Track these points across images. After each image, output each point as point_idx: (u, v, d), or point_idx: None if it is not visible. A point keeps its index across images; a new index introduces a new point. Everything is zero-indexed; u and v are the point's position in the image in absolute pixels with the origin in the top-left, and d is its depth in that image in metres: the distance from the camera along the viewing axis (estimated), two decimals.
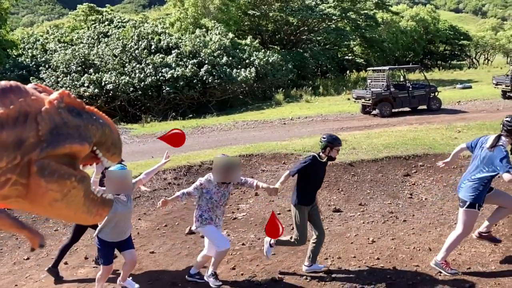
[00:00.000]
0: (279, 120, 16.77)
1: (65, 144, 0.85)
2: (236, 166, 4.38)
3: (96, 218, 1.00)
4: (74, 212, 0.93)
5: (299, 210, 4.76)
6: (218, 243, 4.43)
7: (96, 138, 0.93)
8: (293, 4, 31.81)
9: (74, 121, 0.87)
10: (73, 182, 0.88)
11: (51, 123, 0.84)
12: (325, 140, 4.73)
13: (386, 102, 16.13)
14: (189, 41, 23.66)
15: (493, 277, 4.43)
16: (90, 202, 0.97)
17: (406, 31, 41.22)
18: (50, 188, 0.84)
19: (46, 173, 0.83)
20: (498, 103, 16.89)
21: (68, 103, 0.88)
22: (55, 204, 0.87)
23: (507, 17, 77.11)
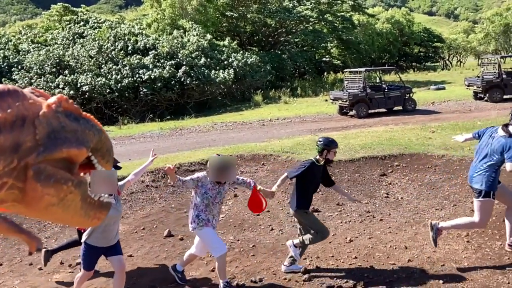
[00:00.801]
0: (258, 121, 16.82)
1: (62, 148, 0.85)
2: (232, 165, 4.35)
3: (93, 221, 1.00)
4: (71, 216, 0.93)
5: (302, 213, 4.83)
6: (214, 250, 4.35)
7: (93, 143, 0.93)
8: (271, 6, 31.95)
9: (71, 126, 0.87)
10: (69, 187, 0.87)
11: (49, 127, 0.83)
12: (322, 144, 4.79)
13: (363, 103, 16.38)
14: (167, 42, 23.47)
15: (466, 274, 4.56)
16: (88, 206, 0.97)
17: (381, 33, 41.95)
18: (46, 192, 0.84)
19: (42, 178, 0.83)
20: (470, 104, 17.37)
21: (66, 108, 0.88)
22: (51, 208, 0.86)
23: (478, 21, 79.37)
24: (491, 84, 17.54)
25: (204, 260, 5.41)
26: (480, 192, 4.47)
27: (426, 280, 4.52)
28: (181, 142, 12.98)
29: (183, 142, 12.98)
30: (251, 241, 5.88)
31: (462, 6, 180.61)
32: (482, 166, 4.49)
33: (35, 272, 4.99)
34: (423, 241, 5.42)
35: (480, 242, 5.17)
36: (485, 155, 4.51)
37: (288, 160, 8.66)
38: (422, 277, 4.60)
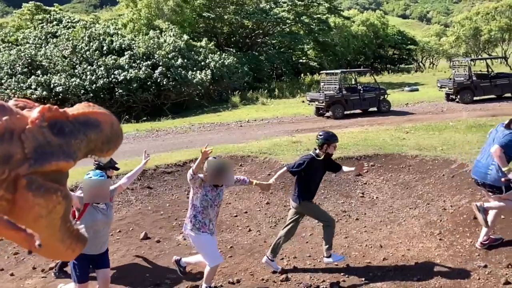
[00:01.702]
0: (236, 122, 16.81)
1: (52, 161, 0.84)
2: (229, 169, 4.30)
3: (68, 252, 0.95)
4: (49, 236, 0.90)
5: (307, 204, 4.87)
6: (209, 259, 4.27)
7: (81, 151, 0.91)
8: (248, 8, 32.01)
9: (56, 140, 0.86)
10: (58, 196, 0.86)
11: (35, 142, 0.83)
12: (322, 138, 4.82)
13: (339, 105, 16.60)
14: (143, 42, 23.20)
15: (439, 270, 4.68)
16: (66, 231, 0.93)
17: (357, 35, 42.59)
18: (36, 202, 0.83)
19: (33, 187, 0.82)
20: (443, 105, 17.82)
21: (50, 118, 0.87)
22: (39, 220, 0.85)
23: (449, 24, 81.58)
24: (462, 86, 18.05)
25: None
26: (500, 188, 4.55)
27: (400, 278, 4.62)
28: (158, 143, 12.86)
29: (159, 143, 12.85)
30: (228, 242, 5.88)
31: (434, 10, 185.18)
32: (492, 163, 4.57)
33: (6, 278, 4.86)
34: (398, 240, 5.54)
35: (452, 240, 5.32)
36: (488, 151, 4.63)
37: (266, 161, 8.70)
38: (396, 275, 4.70)
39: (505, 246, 4.77)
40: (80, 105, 0.96)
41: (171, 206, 7.46)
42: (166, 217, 7.00)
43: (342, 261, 4.94)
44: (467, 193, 6.17)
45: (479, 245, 4.95)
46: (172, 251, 5.73)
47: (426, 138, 9.50)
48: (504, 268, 4.49)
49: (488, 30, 46.50)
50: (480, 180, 4.73)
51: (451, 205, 6.07)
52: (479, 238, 4.98)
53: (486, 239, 4.89)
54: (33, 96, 19.59)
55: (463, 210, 5.72)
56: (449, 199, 6.30)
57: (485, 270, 4.52)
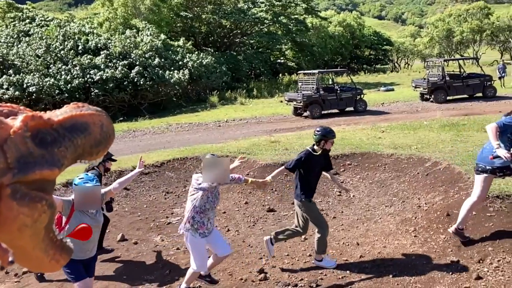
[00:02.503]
0: (214, 122, 16.76)
1: (35, 170, 0.83)
2: (225, 166, 4.23)
3: (52, 263, 0.92)
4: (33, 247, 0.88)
5: (308, 203, 4.86)
6: (196, 263, 4.24)
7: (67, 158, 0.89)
8: (226, 7, 31.95)
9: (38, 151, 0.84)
10: (43, 205, 0.84)
11: (17, 153, 0.82)
12: (319, 134, 4.82)
13: (316, 104, 16.76)
14: (119, 42, 22.87)
15: (414, 267, 4.78)
16: (49, 241, 0.91)
17: (334, 36, 43.05)
18: (21, 211, 0.81)
19: (18, 196, 0.81)
20: (417, 105, 18.20)
21: (33, 127, 0.85)
22: (24, 230, 0.83)
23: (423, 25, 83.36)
24: (436, 86, 18.48)
25: (159, 264, 5.35)
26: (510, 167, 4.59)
27: (377, 275, 4.70)
28: (135, 144, 12.71)
29: (136, 144, 12.71)
30: None
31: (409, 11, 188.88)
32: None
33: None
34: (374, 237, 5.63)
35: (426, 236, 5.44)
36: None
37: (244, 161, 8.69)
38: (373, 271, 4.78)
39: (477, 242, 4.91)
40: (68, 106, 0.93)
41: (149, 207, 7.39)
42: (144, 218, 6.93)
43: (333, 267, 4.93)
44: (441, 191, 6.32)
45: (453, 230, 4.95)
46: (149, 252, 5.68)
47: (401, 137, 9.69)
48: (475, 263, 4.62)
49: (460, 31, 47.74)
50: (489, 165, 4.69)
51: (425, 202, 6.21)
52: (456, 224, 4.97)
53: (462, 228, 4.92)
54: (5, 96, 19.06)
55: (437, 207, 5.86)
56: (423, 196, 6.44)
57: (458, 265, 4.64)
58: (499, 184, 5.60)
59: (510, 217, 5.06)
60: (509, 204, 5.25)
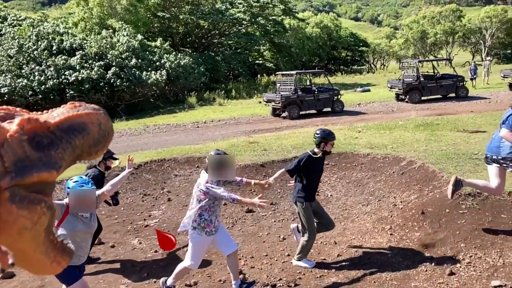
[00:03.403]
0: (192, 123, 16.68)
1: (33, 173, 0.82)
2: (231, 163, 4.22)
3: (53, 265, 0.92)
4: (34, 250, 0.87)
5: (305, 207, 4.86)
6: (192, 261, 4.21)
7: (65, 160, 0.88)
8: (204, 8, 31.82)
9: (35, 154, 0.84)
10: (43, 207, 0.84)
11: (14, 156, 0.81)
12: (319, 136, 4.85)
13: (294, 105, 16.88)
14: (95, 42, 22.49)
15: (390, 264, 4.87)
16: (49, 244, 0.90)
17: (311, 37, 43.43)
18: (21, 214, 0.81)
19: (17, 199, 0.80)
20: (393, 105, 18.54)
21: (30, 130, 0.84)
22: (24, 233, 0.83)
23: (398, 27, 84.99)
24: (410, 87, 18.86)
25: (136, 266, 5.29)
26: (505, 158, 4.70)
27: (354, 273, 4.77)
28: (111, 146, 12.46)
29: (113, 146, 12.51)
30: (186, 244, 5.83)
31: (385, 13, 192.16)
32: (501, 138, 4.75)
33: None
34: (351, 236, 5.71)
35: (402, 234, 5.55)
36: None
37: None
38: (350, 270, 4.85)
39: (450, 239, 5.04)
40: (65, 107, 0.92)
41: (126, 210, 7.30)
42: (121, 221, 6.85)
43: (311, 267, 4.97)
44: (416, 189, 6.46)
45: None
46: (127, 255, 5.62)
47: (377, 137, 9.85)
48: (449, 260, 4.74)
49: (434, 33, 48.88)
50: (495, 155, 4.82)
51: (401, 201, 6.33)
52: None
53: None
54: None
55: (412, 205, 5.99)
56: (399, 195, 6.57)
57: (432, 261, 4.76)
58: None
59: (481, 214, 5.21)
60: (480, 201, 5.40)
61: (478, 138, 9.07)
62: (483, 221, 5.10)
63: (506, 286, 4.06)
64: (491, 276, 4.27)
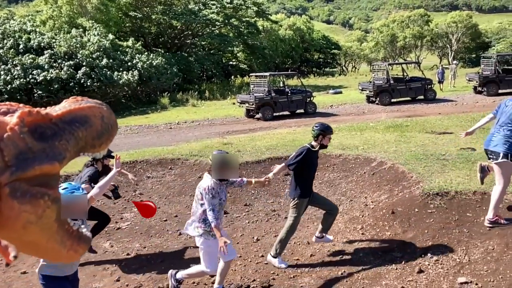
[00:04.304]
0: (165, 124, 16.51)
1: (34, 166, 0.81)
2: (234, 162, 4.19)
3: (70, 253, 0.91)
4: (47, 240, 0.86)
5: (301, 203, 4.89)
6: (209, 267, 4.17)
7: (69, 151, 0.87)
8: (176, 8, 31.56)
9: (38, 145, 0.83)
10: (46, 201, 0.83)
11: (15, 149, 0.80)
12: (318, 129, 4.90)
13: (268, 106, 16.97)
14: (64, 41, 21.95)
15: (362, 263, 4.97)
16: (64, 233, 0.90)
17: (284, 39, 43.75)
18: (23, 209, 0.80)
19: (18, 194, 0.79)
20: (364, 107, 18.90)
21: (30, 123, 0.83)
22: (29, 227, 0.81)
23: (369, 30, 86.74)
24: (381, 89, 19.28)
25: (107, 270, 5.20)
26: (498, 154, 4.81)
27: (327, 272, 4.84)
28: None
29: None
30: (158, 247, 5.78)
31: (356, 16, 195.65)
32: (501, 132, 4.86)
33: None
34: None
35: (373, 234, 5.67)
36: (503, 122, 4.90)
37: (196, 163, 8.65)
38: (323, 269, 4.92)
39: (419, 238, 5.18)
40: (67, 101, 0.91)
41: None
42: (92, 224, 6.70)
43: (284, 267, 5.00)
44: (386, 189, 6.61)
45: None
46: (98, 258, 5.51)
47: (349, 138, 10.02)
48: (418, 258, 4.87)
49: (403, 37, 50.13)
50: (486, 147, 4.99)
51: (372, 201, 6.47)
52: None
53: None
54: None
55: (383, 205, 6.12)
56: (370, 195, 6.71)
57: (402, 260, 4.88)
58: (438, 182, 5.95)
59: (448, 213, 5.39)
60: (448, 201, 5.58)
61: (445, 139, 9.37)
62: (450, 220, 5.27)
63: (472, 283, 4.21)
64: (458, 273, 4.42)
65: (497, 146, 4.82)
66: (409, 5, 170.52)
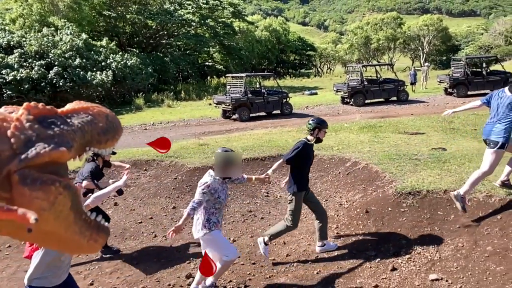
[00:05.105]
0: (140, 125, 16.30)
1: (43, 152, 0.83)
2: (237, 160, 4.19)
3: (90, 243, 0.93)
4: (65, 230, 0.87)
5: (298, 197, 4.95)
6: (227, 252, 4.15)
7: (76, 141, 0.89)
8: (152, 8, 31.21)
9: (46, 132, 0.85)
10: (58, 187, 0.84)
11: (24, 136, 0.82)
12: (314, 122, 4.99)
13: (244, 107, 16.99)
14: (35, 40, 21.39)
15: (336, 262, 5.03)
16: (83, 223, 0.91)
17: (261, 40, 43.91)
18: (35, 196, 0.81)
19: (28, 181, 0.81)
20: (339, 108, 19.15)
21: (37, 114, 0.86)
22: (43, 214, 0.82)
23: (344, 32, 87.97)
24: (355, 90, 19.58)
25: (80, 274, 5.10)
26: (497, 143, 4.93)
27: (302, 272, 4.88)
28: None
29: None
30: (133, 250, 5.70)
31: (331, 19, 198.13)
32: (499, 122, 4.98)
33: None
34: (300, 236, 5.83)
35: (348, 233, 5.75)
36: (502, 114, 5.00)
37: (172, 164, 8.58)
38: (298, 269, 4.95)
39: (392, 236, 5.29)
40: (70, 104, 0.96)
41: None
42: None
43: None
44: (360, 189, 6.71)
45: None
46: (71, 262, 5.38)
47: (324, 138, 10.09)
48: (391, 256, 4.97)
49: (377, 39, 51.08)
50: (485, 137, 5.14)
51: (346, 200, 6.56)
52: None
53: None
54: None
55: (357, 205, 6.22)
56: (344, 195, 6.80)
57: (376, 258, 4.97)
58: (411, 182, 6.08)
59: (420, 212, 5.51)
60: (420, 199, 5.71)
61: (417, 139, 9.59)
62: (422, 218, 5.39)
63: (443, 279, 4.32)
64: (429, 270, 4.53)
65: (498, 136, 4.99)
66: (383, 8, 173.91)
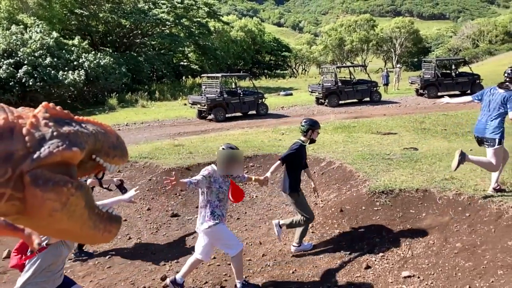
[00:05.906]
0: (113, 126, 16.01)
1: (55, 151, 0.83)
2: (239, 158, 4.18)
3: (105, 235, 0.96)
4: (80, 227, 0.88)
5: (296, 195, 5.02)
6: (231, 247, 4.15)
7: (89, 145, 0.91)
8: (125, 7, 30.76)
9: (61, 131, 0.86)
10: (70, 188, 0.84)
11: (39, 135, 0.82)
12: (307, 123, 5.11)
13: (220, 108, 16.94)
14: (3, 38, 20.75)
15: (312, 261, 5.09)
16: (96, 217, 0.93)
17: (236, 40, 43.90)
18: (47, 197, 0.81)
19: (40, 182, 0.81)
20: (313, 108, 19.35)
21: (54, 115, 0.88)
22: (55, 214, 0.83)
23: (318, 34, 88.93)
24: (329, 91, 19.82)
25: None
26: (495, 140, 5.01)
27: (278, 271, 4.91)
28: None
29: None
30: (107, 252, 5.60)
31: (305, 20, 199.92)
32: (491, 119, 5.04)
33: None
34: (275, 236, 5.86)
35: (322, 232, 5.81)
36: (494, 109, 5.07)
37: (146, 165, 8.47)
38: (274, 269, 4.98)
39: (366, 235, 5.39)
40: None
41: None
42: None
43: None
44: (335, 188, 6.81)
45: (492, 191, 5.25)
46: None
47: None
48: (365, 254, 5.06)
49: (350, 40, 51.87)
50: (479, 135, 5.22)
51: (321, 200, 6.63)
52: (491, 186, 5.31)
53: (497, 185, 5.25)
54: None
55: (332, 204, 6.30)
56: (319, 194, 6.87)
57: (350, 257, 5.05)
58: (383, 181, 6.20)
59: (393, 210, 5.64)
60: (392, 198, 5.84)
61: (390, 139, 9.79)
62: (394, 217, 5.51)
63: (415, 276, 4.43)
64: (402, 267, 4.64)
65: (493, 133, 5.11)
66: (356, 10, 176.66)
